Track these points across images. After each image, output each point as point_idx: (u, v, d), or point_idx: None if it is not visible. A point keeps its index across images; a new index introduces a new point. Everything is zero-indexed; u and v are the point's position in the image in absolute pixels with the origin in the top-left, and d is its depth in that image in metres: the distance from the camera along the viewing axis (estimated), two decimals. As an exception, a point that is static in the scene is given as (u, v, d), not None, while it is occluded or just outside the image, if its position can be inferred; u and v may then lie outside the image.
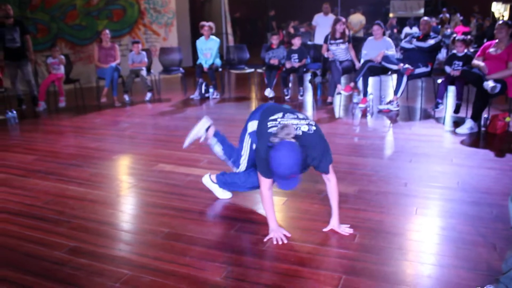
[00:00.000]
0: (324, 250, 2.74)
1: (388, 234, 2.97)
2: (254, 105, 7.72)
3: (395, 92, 6.68)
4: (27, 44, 7.46)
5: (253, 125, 3.09)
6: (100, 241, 2.97)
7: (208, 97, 8.12)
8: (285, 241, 2.84)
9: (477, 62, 5.67)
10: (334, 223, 2.99)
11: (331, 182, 2.93)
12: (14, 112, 6.70)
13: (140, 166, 4.45)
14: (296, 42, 7.74)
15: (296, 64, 7.57)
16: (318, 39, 9.21)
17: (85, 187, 3.94)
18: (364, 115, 6.56)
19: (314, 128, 2.76)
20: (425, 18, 7.00)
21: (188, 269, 2.56)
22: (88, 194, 3.78)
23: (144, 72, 7.93)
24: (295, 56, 7.65)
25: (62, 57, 7.73)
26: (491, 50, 5.50)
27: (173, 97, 8.41)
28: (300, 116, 2.84)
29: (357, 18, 12.11)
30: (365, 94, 7.04)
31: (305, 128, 2.72)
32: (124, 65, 8.46)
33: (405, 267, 2.56)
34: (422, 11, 18.80)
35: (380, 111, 6.63)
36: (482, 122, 5.52)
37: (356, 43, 7.81)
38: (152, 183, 3.97)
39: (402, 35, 13.44)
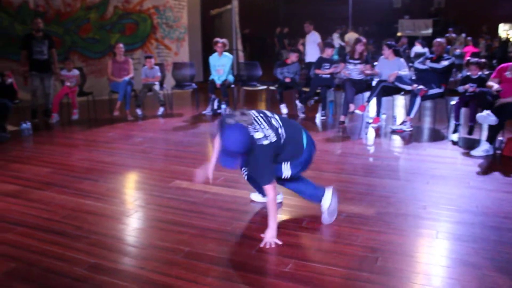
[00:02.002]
0: (348, 273, 2.71)
1: (410, 258, 2.95)
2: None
3: (408, 113, 6.68)
4: (53, 57, 7.56)
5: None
6: (120, 258, 2.96)
7: (220, 113, 8.14)
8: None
9: (492, 83, 5.68)
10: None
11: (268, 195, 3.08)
12: (29, 123, 6.73)
13: (156, 182, 4.45)
14: (329, 52, 7.90)
15: (329, 71, 7.75)
16: (307, 57, 9.47)
17: (102, 202, 3.94)
18: (377, 135, 6.56)
19: (267, 142, 3.00)
20: (438, 39, 7.01)
21: (212, 290, 2.55)
22: (105, 209, 3.78)
23: (157, 87, 7.98)
24: (327, 65, 7.79)
25: (77, 72, 7.79)
26: (507, 73, 5.51)
27: (185, 112, 8.43)
28: (273, 124, 3.12)
29: (354, 36, 12.23)
30: (378, 114, 7.05)
31: (259, 135, 2.99)
32: (137, 79, 8.51)
33: (430, 293, 2.54)
34: (430, 30, 18.91)
35: (393, 131, 6.63)
36: (497, 145, 5.51)
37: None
38: (169, 200, 3.97)
39: (412, 54, 13.52)
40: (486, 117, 5.25)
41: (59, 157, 5.45)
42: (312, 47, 9.40)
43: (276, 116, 3.26)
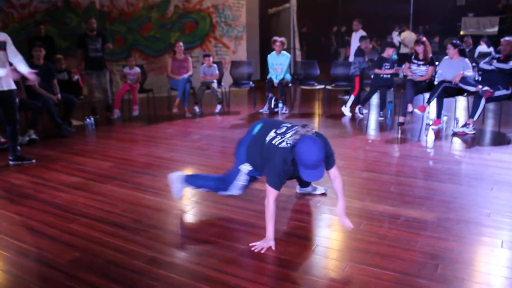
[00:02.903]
0: (406, 279, 2.64)
1: (471, 267, 2.83)
2: (321, 121, 7.67)
3: (471, 115, 6.42)
4: (106, 50, 7.79)
5: (246, 167, 3.37)
6: (177, 253, 3.03)
7: (277, 112, 8.15)
8: (263, 251, 2.98)
9: None
10: (339, 210, 3.14)
11: (338, 177, 3.16)
12: (92, 118, 7.01)
13: (213, 179, 4.50)
14: (390, 52, 7.72)
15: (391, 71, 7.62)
16: (351, 57, 9.22)
17: (160, 197, 4.03)
18: (437, 137, 6.35)
19: (314, 131, 3.00)
20: (507, 38, 6.67)
21: (266, 289, 2.55)
22: (163, 204, 3.87)
23: (215, 85, 8.10)
24: (388, 65, 7.64)
25: (138, 70, 8.02)
26: None
27: (242, 110, 8.51)
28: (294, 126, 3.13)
29: (411, 35, 11.84)
30: (439, 115, 6.82)
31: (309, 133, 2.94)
32: (195, 77, 8.66)
33: (494, 304, 2.43)
34: (496, 29, 18.07)
35: (454, 134, 6.39)
36: None
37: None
38: (226, 197, 4.00)
39: (476, 54, 12.99)
40: None
41: (120, 151, 5.64)
42: (356, 47, 9.12)
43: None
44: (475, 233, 3.29)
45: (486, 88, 6.26)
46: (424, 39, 7.28)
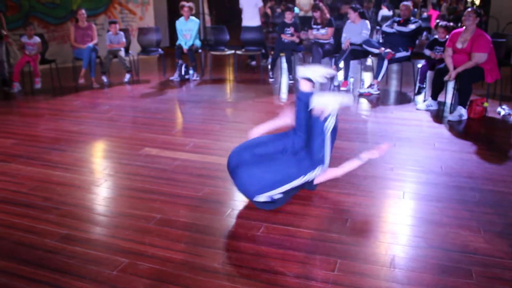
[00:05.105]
0: (318, 235, 2.78)
1: (378, 218, 3.04)
2: (233, 87, 7.69)
3: (376, 76, 6.75)
4: (1, 21, 7.20)
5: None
6: (92, 228, 2.95)
7: (188, 79, 8.04)
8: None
9: (448, 62, 5.59)
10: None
11: None
12: (-11, 94, 6.52)
13: (125, 150, 4.40)
14: (289, 16, 7.79)
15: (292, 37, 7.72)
16: (244, 21, 8.80)
17: (71, 172, 3.88)
18: (345, 98, 6.60)
19: None
20: (405, 3, 7.02)
21: (185, 256, 2.57)
22: (74, 179, 3.73)
23: (122, 53, 7.79)
24: (288, 29, 7.73)
25: (38, 40, 7.50)
26: (458, 44, 5.49)
27: (152, 78, 8.30)
28: None
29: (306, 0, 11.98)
30: (346, 77, 7.09)
31: None
32: (101, 45, 8.29)
33: (397, 250, 2.62)
34: (396, -7, 18.86)
35: (361, 95, 6.70)
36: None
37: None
38: (139, 167, 3.94)
39: (379, 17, 13.53)
40: (458, 115, 5.35)
41: (24, 127, 5.31)
42: (250, 11, 8.68)
43: None
44: (380, 187, 3.52)
45: (388, 50, 6.58)
46: (320, 4, 7.53)
